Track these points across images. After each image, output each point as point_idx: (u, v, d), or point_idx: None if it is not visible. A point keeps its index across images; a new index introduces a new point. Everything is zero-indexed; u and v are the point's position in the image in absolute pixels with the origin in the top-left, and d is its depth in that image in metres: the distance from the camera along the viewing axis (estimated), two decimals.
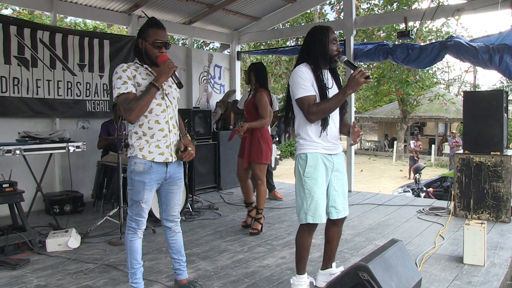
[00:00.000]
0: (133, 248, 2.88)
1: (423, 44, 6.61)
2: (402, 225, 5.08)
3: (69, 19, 17.31)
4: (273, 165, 7.73)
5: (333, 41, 2.92)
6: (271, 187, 6.64)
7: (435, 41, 7.86)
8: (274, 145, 6.41)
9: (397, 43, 6.87)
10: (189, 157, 2.92)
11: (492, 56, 5.60)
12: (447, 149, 22.57)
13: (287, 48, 10.17)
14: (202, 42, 17.62)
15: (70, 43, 6.09)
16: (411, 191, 10.24)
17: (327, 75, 2.98)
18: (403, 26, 6.68)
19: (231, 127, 7.62)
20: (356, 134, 2.88)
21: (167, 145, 2.85)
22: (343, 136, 3.16)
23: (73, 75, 6.14)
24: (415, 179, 10.64)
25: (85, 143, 4.74)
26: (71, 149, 4.57)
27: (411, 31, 6.58)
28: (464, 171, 5.29)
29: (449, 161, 19.01)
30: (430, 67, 18.75)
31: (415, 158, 18.53)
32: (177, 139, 2.95)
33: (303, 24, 18.28)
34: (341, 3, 15.98)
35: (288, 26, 14.05)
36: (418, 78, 20.66)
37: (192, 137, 3.13)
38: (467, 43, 5.91)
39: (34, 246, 4.08)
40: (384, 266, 2.63)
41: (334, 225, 3.12)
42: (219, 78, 8.73)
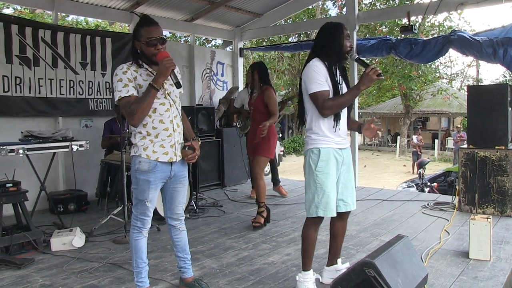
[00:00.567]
0: (138, 247, 2.88)
1: (426, 38, 6.57)
2: (407, 221, 5.07)
3: (70, 18, 17.30)
4: (276, 161, 7.72)
5: (347, 37, 2.95)
6: (276, 181, 6.68)
7: (438, 35, 7.81)
8: (277, 142, 6.43)
9: (400, 38, 6.81)
10: (192, 158, 2.91)
11: (496, 49, 5.57)
12: (450, 143, 22.53)
13: (289, 44, 10.15)
14: (204, 39, 17.58)
15: (72, 42, 6.08)
16: (415, 186, 10.22)
17: (337, 72, 2.99)
18: (405, 20, 6.64)
19: (234, 124, 7.61)
20: (372, 131, 2.97)
21: (172, 144, 2.83)
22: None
23: (75, 73, 6.14)
24: (419, 174, 10.62)
25: (88, 141, 4.75)
26: (75, 148, 4.58)
27: (414, 26, 6.53)
28: (468, 165, 5.26)
29: (454, 156, 18.96)
30: (433, 62, 18.64)
31: (418, 153, 18.55)
32: (181, 138, 2.93)
33: (305, 20, 18.22)
34: None
35: (290, 22, 14.00)
36: (420, 73, 20.56)
37: (195, 134, 3.12)
38: (470, 37, 5.87)
39: (38, 245, 4.08)
40: (390, 262, 2.61)
41: (339, 219, 3.13)
42: (222, 75, 8.71)
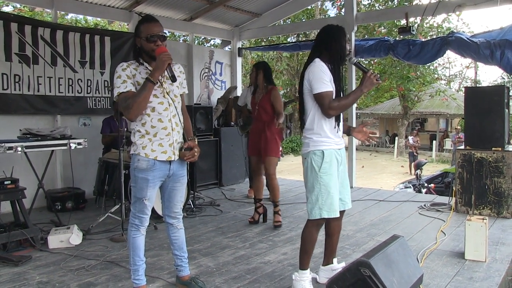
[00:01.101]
0: (136, 245, 2.89)
1: (424, 39, 6.59)
2: (403, 221, 5.09)
3: (70, 16, 17.26)
4: None
5: (348, 41, 3.01)
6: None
7: (436, 36, 7.83)
8: None
9: (398, 39, 6.84)
10: (191, 157, 2.91)
11: (493, 51, 5.59)
12: (448, 144, 22.55)
13: (288, 44, 10.17)
14: (203, 38, 17.58)
15: (71, 40, 6.08)
16: (412, 187, 10.23)
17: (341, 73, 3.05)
18: (404, 22, 6.67)
19: (233, 124, 7.65)
20: (364, 134, 3.04)
21: (170, 143, 2.84)
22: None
23: (74, 72, 6.14)
24: (417, 175, 10.63)
25: (86, 140, 4.76)
26: (73, 146, 4.59)
27: (412, 27, 6.56)
28: (465, 166, 5.29)
29: (452, 157, 18.99)
30: (431, 63, 18.69)
31: (414, 153, 18.58)
32: (180, 137, 2.94)
33: (304, 20, 18.25)
34: None
35: (289, 22, 14.01)
36: (419, 74, 20.60)
37: (193, 133, 3.13)
38: (468, 38, 5.89)
39: (36, 242, 4.09)
40: (385, 262, 2.63)
41: (335, 219, 3.13)
42: (220, 74, 8.73)
